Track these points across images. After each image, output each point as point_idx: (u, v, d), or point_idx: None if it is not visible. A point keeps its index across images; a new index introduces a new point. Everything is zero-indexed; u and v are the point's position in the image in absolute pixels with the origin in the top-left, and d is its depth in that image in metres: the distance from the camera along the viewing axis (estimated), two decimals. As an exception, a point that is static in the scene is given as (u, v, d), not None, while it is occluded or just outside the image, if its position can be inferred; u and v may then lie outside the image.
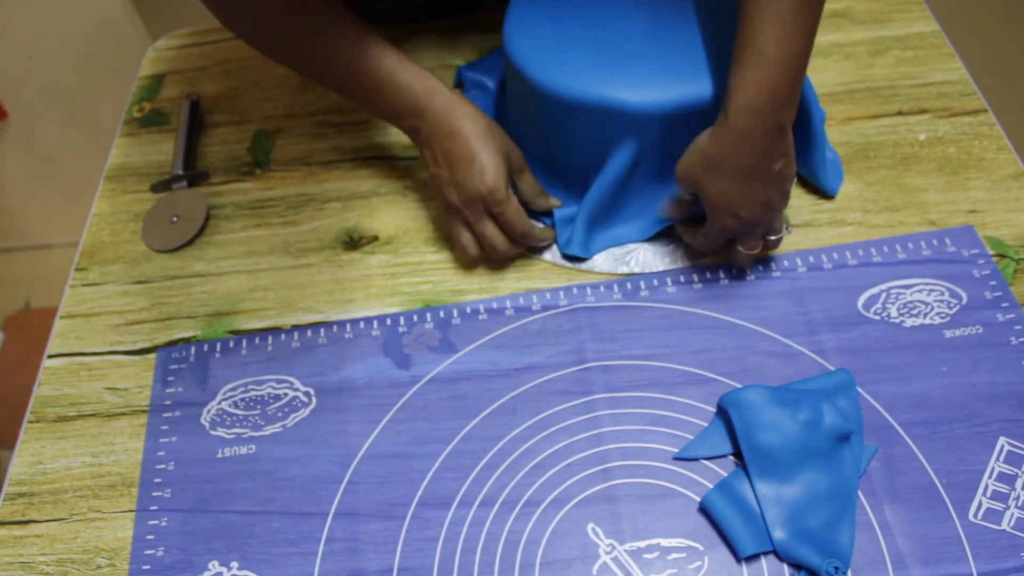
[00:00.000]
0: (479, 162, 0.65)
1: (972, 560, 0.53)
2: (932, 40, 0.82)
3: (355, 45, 0.67)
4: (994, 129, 0.75)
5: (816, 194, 0.72)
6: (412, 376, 0.65)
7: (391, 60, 0.67)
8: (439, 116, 0.66)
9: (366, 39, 0.67)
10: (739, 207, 0.61)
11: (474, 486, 0.59)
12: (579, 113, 0.65)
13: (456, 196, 0.66)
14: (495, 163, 0.65)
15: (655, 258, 0.69)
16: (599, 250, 0.70)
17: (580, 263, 0.70)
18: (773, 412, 0.57)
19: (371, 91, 0.68)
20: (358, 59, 0.67)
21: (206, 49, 0.93)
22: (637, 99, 0.63)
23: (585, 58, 0.65)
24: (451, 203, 0.66)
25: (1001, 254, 0.67)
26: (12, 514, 0.61)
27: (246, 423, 0.64)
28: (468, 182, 0.65)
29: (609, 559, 0.55)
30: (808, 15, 0.56)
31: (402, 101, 0.67)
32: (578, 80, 0.64)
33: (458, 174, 0.65)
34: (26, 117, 2.00)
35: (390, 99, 0.68)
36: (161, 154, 0.84)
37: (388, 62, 0.67)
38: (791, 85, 0.57)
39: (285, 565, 0.57)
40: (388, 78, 0.67)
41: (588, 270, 0.69)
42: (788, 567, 0.54)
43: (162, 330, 0.70)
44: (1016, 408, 0.59)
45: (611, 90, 0.63)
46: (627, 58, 0.65)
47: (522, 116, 0.72)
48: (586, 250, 0.69)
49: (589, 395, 0.62)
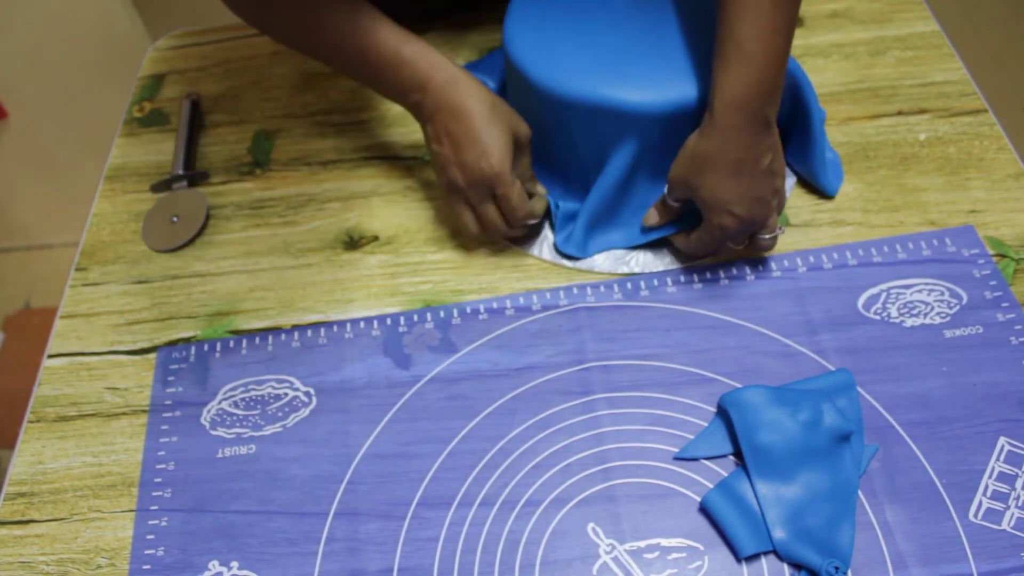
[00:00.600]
0: (484, 143, 0.63)
1: (972, 560, 0.53)
2: (932, 40, 0.82)
3: (361, 22, 0.66)
4: (994, 129, 0.75)
5: (816, 194, 0.72)
6: (412, 376, 0.65)
7: (396, 36, 0.66)
8: (443, 92, 0.65)
9: (372, 17, 0.66)
10: (733, 204, 0.61)
11: (474, 486, 0.59)
12: (578, 113, 0.65)
13: (460, 177, 0.65)
14: (500, 145, 0.64)
15: (655, 258, 0.69)
16: (596, 252, 0.70)
17: (578, 262, 0.70)
18: (773, 412, 0.57)
19: (376, 67, 0.67)
20: (364, 36, 0.66)
21: (206, 49, 0.93)
22: (636, 99, 0.63)
23: (585, 58, 0.65)
24: (454, 183, 0.66)
25: (1001, 254, 0.67)
26: (12, 514, 0.61)
27: (246, 423, 0.64)
28: (473, 163, 0.64)
29: (609, 559, 0.55)
30: (786, 7, 0.57)
31: (405, 75, 0.66)
32: (577, 80, 0.64)
33: (463, 154, 0.64)
34: (26, 117, 2.00)
35: (394, 74, 0.66)
36: (161, 154, 0.84)
37: (393, 38, 0.66)
38: (774, 79, 0.58)
39: (285, 565, 0.57)
40: (393, 53, 0.66)
41: (588, 269, 0.69)
42: (788, 567, 0.54)
43: (162, 330, 0.70)
44: (1016, 408, 0.59)
45: (610, 90, 0.63)
46: (626, 58, 0.65)
47: (522, 115, 0.72)
48: (583, 251, 0.69)
49: (589, 395, 0.62)
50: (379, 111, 0.83)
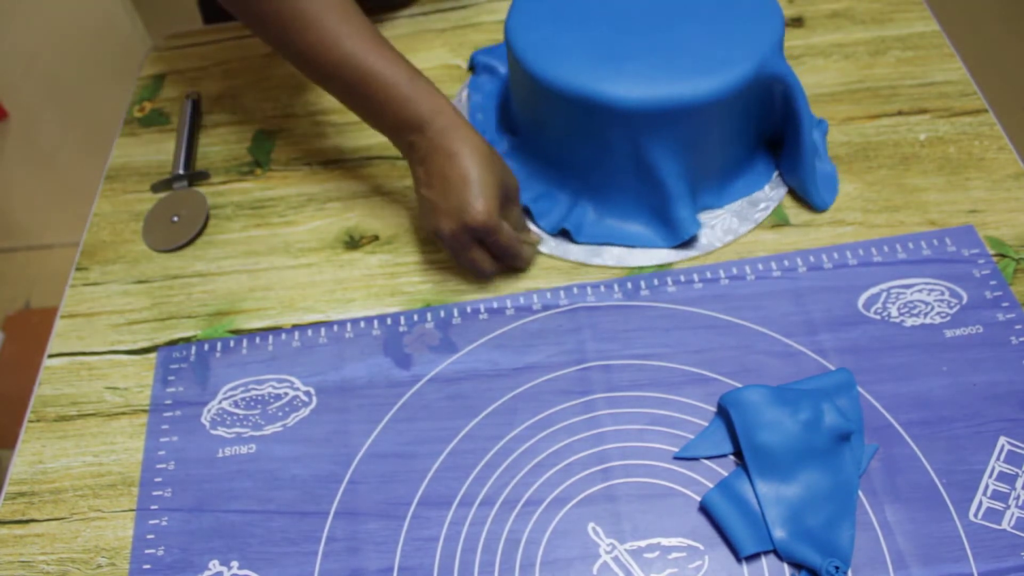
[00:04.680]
0: (474, 190, 0.62)
1: (972, 560, 0.53)
2: (932, 40, 0.82)
3: (367, 49, 0.64)
4: (994, 129, 0.75)
5: (816, 194, 0.72)
6: (412, 376, 0.65)
7: (402, 70, 0.64)
8: (441, 135, 0.63)
9: (378, 44, 0.65)
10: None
11: (474, 486, 0.59)
12: (577, 108, 0.65)
13: (446, 225, 0.63)
14: (490, 193, 0.62)
15: (627, 252, 0.70)
16: (605, 240, 0.70)
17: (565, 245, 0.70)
18: (773, 412, 0.57)
19: (375, 100, 0.65)
20: (369, 64, 0.64)
21: (206, 49, 0.93)
22: (630, 95, 0.63)
23: (585, 53, 0.66)
24: (440, 231, 0.64)
25: (1001, 254, 0.67)
26: (12, 513, 0.61)
27: (246, 423, 0.64)
28: (461, 210, 0.62)
29: (609, 558, 0.55)
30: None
31: (405, 115, 0.64)
32: (577, 75, 0.65)
33: (452, 199, 0.63)
34: (26, 117, 2.00)
35: (394, 111, 0.64)
36: (161, 154, 0.84)
37: (399, 72, 0.64)
38: None
39: (285, 564, 0.57)
40: (395, 89, 0.64)
41: (562, 258, 0.70)
42: (788, 567, 0.54)
43: (162, 330, 0.70)
44: (1016, 408, 0.59)
45: (605, 85, 0.64)
46: (628, 54, 0.65)
47: (523, 108, 0.72)
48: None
49: (589, 395, 0.62)
50: (379, 111, 0.83)
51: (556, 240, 0.71)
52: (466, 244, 0.65)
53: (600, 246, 0.70)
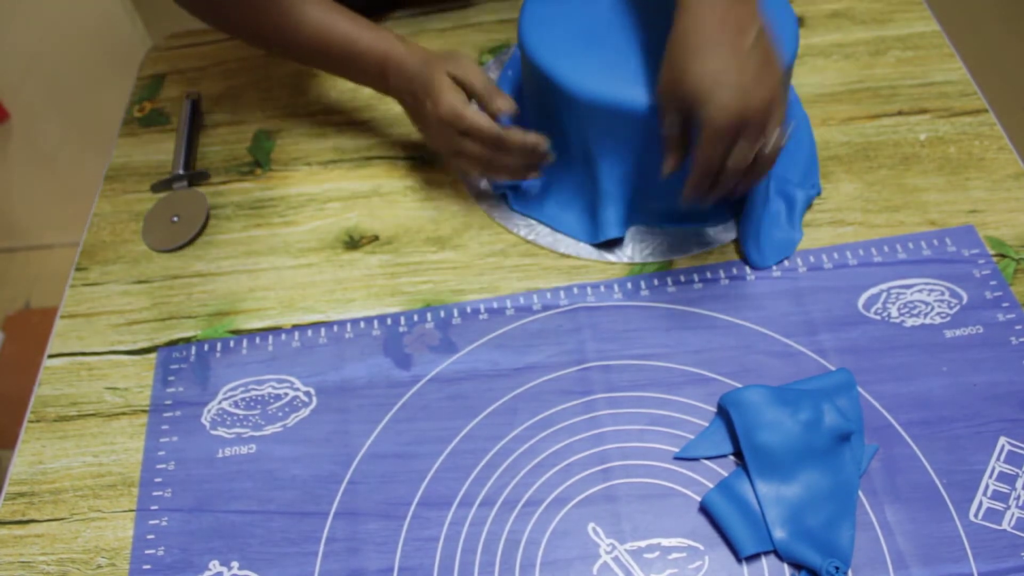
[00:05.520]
0: (431, 92, 0.67)
1: (972, 560, 0.53)
2: (932, 40, 0.82)
3: (320, 20, 0.70)
4: (994, 129, 0.75)
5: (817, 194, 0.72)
6: (412, 376, 0.65)
7: (349, 28, 0.70)
8: (398, 78, 0.70)
9: (329, 11, 0.70)
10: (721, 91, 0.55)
11: (474, 486, 0.59)
12: (543, 85, 0.66)
13: (427, 135, 0.71)
14: (439, 86, 0.66)
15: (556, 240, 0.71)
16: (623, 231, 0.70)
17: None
18: (773, 412, 0.57)
19: (341, 65, 0.73)
20: (325, 34, 0.70)
21: (206, 49, 0.93)
22: (584, 86, 0.64)
23: (595, 54, 0.66)
24: (432, 141, 0.71)
25: (1001, 254, 0.67)
26: (12, 514, 0.61)
27: (246, 423, 0.64)
28: (428, 115, 0.67)
29: (609, 559, 0.55)
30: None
31: (369, 71, 0.71)
32: (590, 78, 0.64)
33: (419, 111, 0.69)
34: (26, 117, 2.00)
35: (359, 71, 0.72)
36: (161, 154, 0.84)
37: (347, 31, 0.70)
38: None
39: (285, 565, 0.57)
40: (351, 48, 0.70)
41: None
42: (788, 567, 0.54)
43: (162, 330, 0.70)
44: (1016, 408, 0.59)
45: (617, 87, 0.63)
46: (640, 57, 0.65)
47: (537, 110, 0.72)
48: (620, 230, 0.69)
49: (589, 395, 0.62)
50: (379, 111, 0.83)
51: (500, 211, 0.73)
52: (451, 139, 0.67)
53: (534, 223, 0.72)
